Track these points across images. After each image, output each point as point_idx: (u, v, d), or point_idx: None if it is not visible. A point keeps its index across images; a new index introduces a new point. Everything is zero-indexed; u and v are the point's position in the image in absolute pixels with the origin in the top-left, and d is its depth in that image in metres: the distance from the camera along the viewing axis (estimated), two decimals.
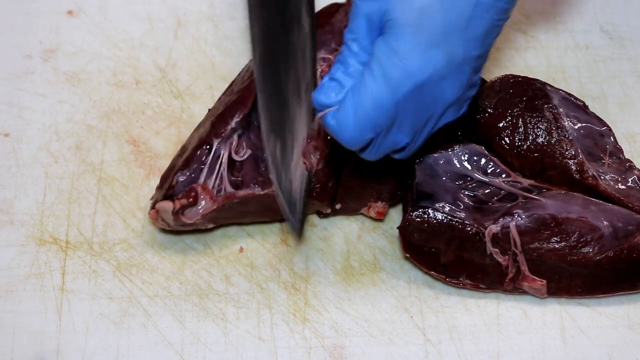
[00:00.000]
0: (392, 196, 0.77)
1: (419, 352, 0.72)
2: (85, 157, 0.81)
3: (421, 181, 0.74)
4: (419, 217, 0.72)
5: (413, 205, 0.73)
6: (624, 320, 0.74)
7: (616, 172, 0.75)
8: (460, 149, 0.75)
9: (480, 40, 0.62)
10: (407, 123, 0.63)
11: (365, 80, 0.61)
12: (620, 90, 0.82)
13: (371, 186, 0.75)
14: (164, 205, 0.73)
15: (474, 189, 0.74)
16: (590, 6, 0.85)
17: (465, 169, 0.75)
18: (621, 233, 0.72)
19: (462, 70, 0.62)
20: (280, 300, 0.75)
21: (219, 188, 0.74)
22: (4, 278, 0.75)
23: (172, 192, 0.73)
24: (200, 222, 0.74)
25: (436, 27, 0.61)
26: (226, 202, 0.73)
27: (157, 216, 0.74)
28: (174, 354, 0.72)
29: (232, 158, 0.75)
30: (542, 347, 0.73)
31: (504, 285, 0.73)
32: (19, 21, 0.87)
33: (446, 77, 0.62)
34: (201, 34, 0.87)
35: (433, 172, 0.74)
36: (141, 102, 0.84)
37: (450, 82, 0.62)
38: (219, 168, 0.74)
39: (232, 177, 0.74)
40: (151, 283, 0.75)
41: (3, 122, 0.82)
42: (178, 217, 0.73)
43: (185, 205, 0.73)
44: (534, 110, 0.75)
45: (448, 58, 0.61)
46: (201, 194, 0.73)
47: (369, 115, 0.61)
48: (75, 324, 0.74)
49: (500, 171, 0.75)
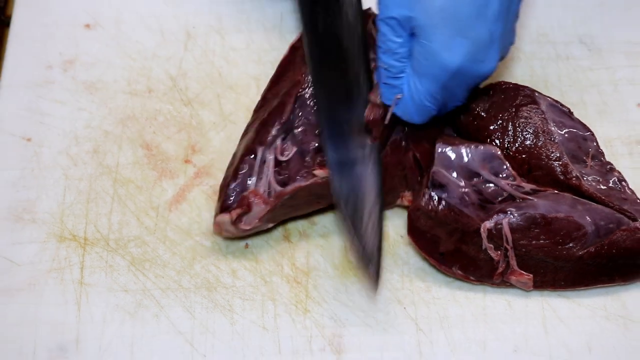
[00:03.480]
0: (415, 183, 0.76)
1: (412, 340, 0.73)
2: (102, 160, 0.81)
3: (437, 171, 0.73)
4: (428, 204, 0.72)
5: (425, 192, 0.73)
6: (601, 311, 0.74)
7: (598, 174, 0.76)
8: (477, 149, 0.74)
9: (501, 18, 0.66)
10: (459, 93, 0.69)
11: (412, 79, 0.68)
12: (599, 98, 0.82)
13: (398, 176, 0.75)
14: (222, 219, 0.73)
15: (482, 187, 0.74)
16: (570, 20, 0.85)
17: (479, 167, 0.74)
18: (602, 230, 0.72)
19: (492, 46, 0.67)
20: (283, 292, 0.75)
21: (269, 190, 0.73)
22: (27, 272, 0.76)
23: (227, 204, 0.73)
24: (260, 225, 0.74)
25: (458, 20, 0.65)
26: (277, 202, 0.72)
27: (220, 228, 0.74)
28: (184, 343, 0.73)
29: (278, 159, 0.74)
30: (525, 336, 0.73)
31: (493, 278, 0.73)
32: (40, 34, 0.87)
33: (479, 57, 0.66)
34: (209, 45, 0.87)
35: (450, 164, 0.74)
36: (153, 109, 0.84)
37: (484, 58, 0.67)
38: (267, 172, 0.73)
39: (279, 175, 0.73)
40: (163, 277, 0.76)
41: (26, 128, 0.82)
42: (237, 226, 0.73)
43: (241, 213, 0.72)
44: (523, 115, 0.76)
45: (475, 43, 0.66)
46: (253, 200, 0.72)
47: (425, 104, 0.69)
48: (93, 315, 0.74)
49: (508, 174, 0.74)
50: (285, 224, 0.78)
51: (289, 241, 0.78)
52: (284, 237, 0.78)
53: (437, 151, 0.74)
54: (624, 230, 0.72)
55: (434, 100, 0.69)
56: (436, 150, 0.74)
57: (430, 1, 0.65)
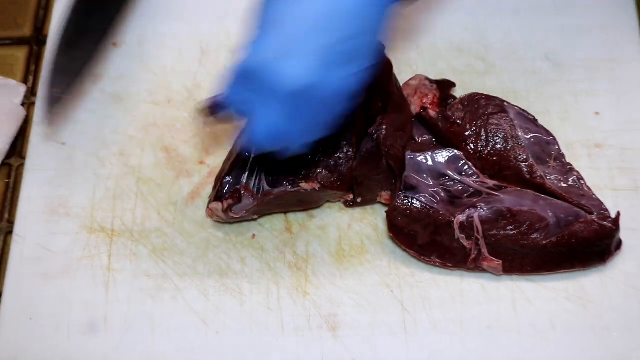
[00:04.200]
0: (391, 185, 0.76)
1: (398, 319, 0.73)
2: (126, 161, 0.81)
3: (409, 175, 0.73)
4: (403, 204, 0.72)
5: (400, 194, 0.73)
6: (563, 293, 0.74)
7: (559, 173, 0.76)
8: (443, 152, 0.74)
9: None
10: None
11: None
12: (561, 107, 0.82)
13: (375, 179, 0.75)
14: (215, 206, 0.73)
15: (449, 185, 0.74)
16: (536, 39, 0.85)
17: (445, 169, 0.74)
18: (563, 223, 0.72)
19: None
20: (285, 277, 0.75)
21: (259, 187, 0.73)
22: (62, 260, 0.76)
23: (221, 194, 0.73)
24: (246, 215, 0.74)
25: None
26: (265, 199, 0.73)
27: (212, 213, 0.74)
28: (199, 321, 0.73)
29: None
30: (497, 315, 0.73)
31: (467, 264, 0.74)
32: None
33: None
34: (220, 61, 0.86)
35: (419, 168, 0.74)
36: (172, 117, 0.84)
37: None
38: (258, 170, 0.74)
39: (269, 177, 0.74)
40: (180, 264, 0.76)
41: (60, 133, 0.83)
42: (227, 214, 0.73)
43: (232, 204, 0.73)
44: (494, 122, 0.76)
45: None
46: (244, 193, 0.72)
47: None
48: (119, 297, 0.74)
49: (472, 173, 0.74)
50: (286, 217, 0.78)
51: (290, 232, 0.78)
52: (286, 228, 0.78)
53: (407, 158, 0.74)
54: (582, 222, 0.72)
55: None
56: (406, 157, 0.74)
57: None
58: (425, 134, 0.78)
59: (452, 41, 0.85)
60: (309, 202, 0.76)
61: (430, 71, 0.84)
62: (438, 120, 0.77)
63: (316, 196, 0.75)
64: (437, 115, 0.76)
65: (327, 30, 0.53)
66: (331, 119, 0.59)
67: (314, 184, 0.72)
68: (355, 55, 0.55)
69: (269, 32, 0.55)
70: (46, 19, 0.90)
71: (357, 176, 0.74)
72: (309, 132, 0.59)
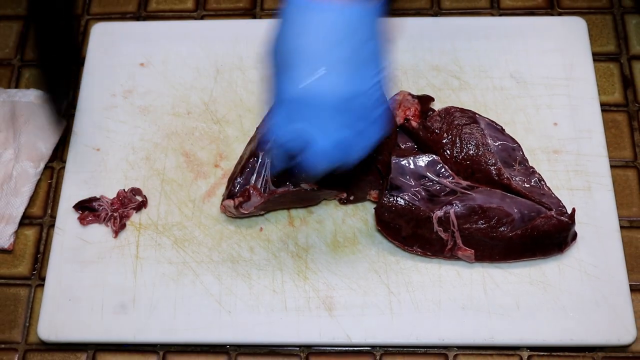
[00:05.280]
0: (379, 185, 0.75)
1: (385, 300, 0.73)
2: (152, 165, 0.81)
3: (394, 176, 0.73)
4: (389, 202, 0.72)
5: (386, 193, 0.72)
6: (526, 278, 0.74)
7: (523, 175, 0.76)
8: (423, 157, 0.74)
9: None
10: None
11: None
12: (525, 119, 0.82)
13: (365, 179, 0.75)
14: (228, 203, 0.73)
15: (429, 185, 0.74)
16: (503, 60, 0.85)
17: (425, 171, 0.74)
18: (526, 217, 0.72)
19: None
20: (288, 264, 0.75)
21: (265, 187, 0.73)
22: (96, 249, 0.76)
23: (232, 193, 0.73)
24: (254, 211, 0.74)
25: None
26: (270, 197, 0.72)
27: (225, 209, 0.74)
28: (214, 302, 0.73)
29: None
30: (470, 297, 0.73)
31: (444, 253, 0.74)
32: (107, 71, 0.87)
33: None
34: (233, 79, 0.86)
35: (403, 171, 0.74)
36: (191, 126, 0.83)
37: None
38: (265, 172, 0.73)
39: (274, 178, 0.73)
40: (198, 252, 0.76)
41: (96, 141, 0.82)
42: (238, 210, 0.73)
43: (242, 201, 0.72)
44: (467, 131, 0.75)
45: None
46: (252, 192, 0.72)
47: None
48: (145, 281, 0.74)
49: (448, 175, 0.74)
50: (289, 213, 0.78)
51: (292, 226, 0.78)
52: (289, 222, 0.78)
53: (392, 162, 0.74)
54: (543, 217, 0.72)
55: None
56: (392, 161, 0.74)
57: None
58: (408, 141, 0.78)
59: (431, 62, 0.85)
60: (309, 199, 0.76)
61: (412, 87, 0.83)
62: (419, 130, 0.76)
63: (315, 195, 0.75)
64: (419, 126, 0.76)
65: (343, 41, 0.53)
66: (375, 123, 0.58)
67: (315, 185, 0.73)
68: (372, 57, 0.55)
69: (295, 61, 0.53)
70: (84, 43, 0.90)
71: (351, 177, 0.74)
72: (365, 137, 0.58)
